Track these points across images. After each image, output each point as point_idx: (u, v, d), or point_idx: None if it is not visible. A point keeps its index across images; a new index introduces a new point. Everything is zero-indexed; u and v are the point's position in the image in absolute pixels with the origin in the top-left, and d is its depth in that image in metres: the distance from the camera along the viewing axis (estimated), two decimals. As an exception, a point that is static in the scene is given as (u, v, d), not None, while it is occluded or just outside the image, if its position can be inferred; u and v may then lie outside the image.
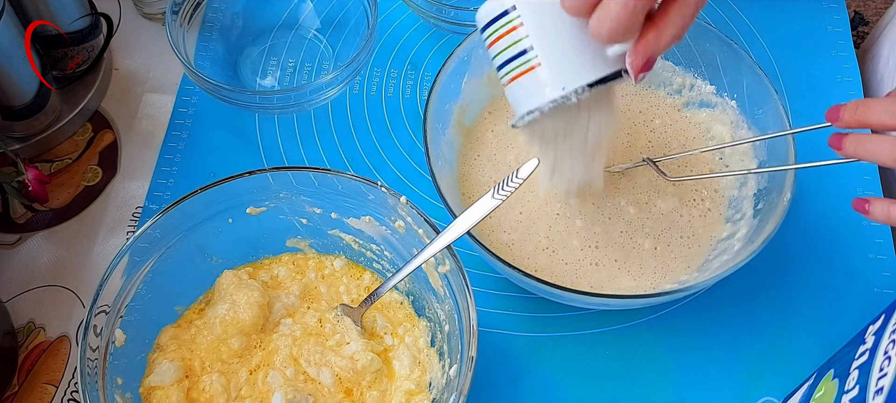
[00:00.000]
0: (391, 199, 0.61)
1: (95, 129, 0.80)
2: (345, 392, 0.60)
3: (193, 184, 0.62)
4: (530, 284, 0.61)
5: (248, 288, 0.62)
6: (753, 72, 0.68)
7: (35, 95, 0.74)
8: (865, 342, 0.47)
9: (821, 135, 0.78)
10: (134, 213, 0.75)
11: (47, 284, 0.71)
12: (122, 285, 0.59)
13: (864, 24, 1.22)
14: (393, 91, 0.82)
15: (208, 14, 0.83)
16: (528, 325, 0.68)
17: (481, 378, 0.65)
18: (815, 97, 0.80)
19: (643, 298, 0.61)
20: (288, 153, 0.77)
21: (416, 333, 0.63)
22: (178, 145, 0.78)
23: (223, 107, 0.77)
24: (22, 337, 0.68)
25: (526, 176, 0.57)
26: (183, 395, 0.59)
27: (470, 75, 0.72)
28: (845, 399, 0.46)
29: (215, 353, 0.61)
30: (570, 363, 0.66)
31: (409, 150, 0.78)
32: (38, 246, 0.73)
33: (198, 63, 0.80)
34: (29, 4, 0.73)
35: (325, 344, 0.61)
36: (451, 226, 0.58)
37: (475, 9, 0.56)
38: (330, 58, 0.83)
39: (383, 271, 0.67)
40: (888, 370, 0.42)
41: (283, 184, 0.63)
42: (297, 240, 0.67)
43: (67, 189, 0.76)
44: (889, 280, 0.70)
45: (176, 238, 0.62)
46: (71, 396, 0.66)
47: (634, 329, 0.68)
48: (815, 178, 0.74)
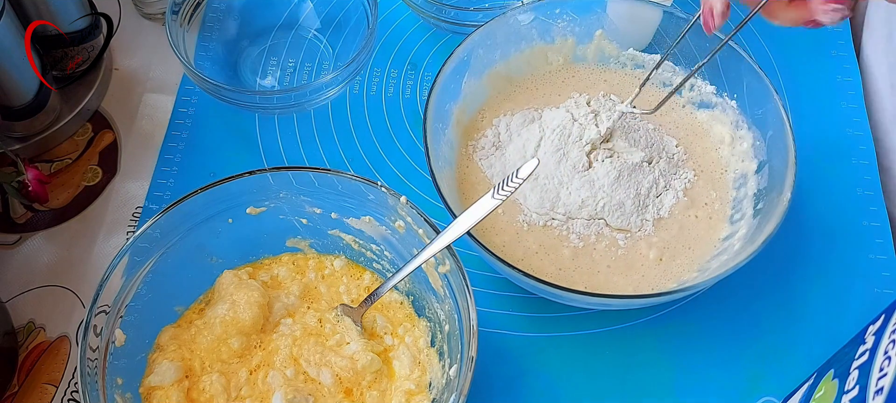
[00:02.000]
0: (391, 199, 0.61)
1: (95, 129, 0.80)
2: (345, 392, 0.60)
3: (193, 184, 0.62)
4: (530, 284, 0.61)
5: (248, 288, 0.62)
6: (753, 73, 0.69)
7: (35, 95, 0.74)
8: (865, 342, 0.47)
9: (821, 135, 0.78)
10: (134, 213, 0.75)
11: (47, 284, 0.71)
12: (122, 285, 0.59)
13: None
14: (393, 91, 0.82)
15: (208, 14, 0.83)
16: (528, 325, 0.68)
17: (481, 378, 0.65)
18: (815, 97, 0.80)
19: (643, 298, 0.61)
20: (288, 153, 0.77)
21: (416, 333, 0.63)
22: (178, 145, 0.78)
23: (223, 107, 0.77)
24: (22, 337, 0.68)
25: (526, 176, 0.57)
26: (183, 395, 0.59)
27: (470, 75, 0.72)
28: (845, 399, 0.46)
29: (215, 353, 0.61)
30: (570, 363, 0.66)
31: (409, 150, 0.78)
32: (38, 246, 0.73)
33: (198, 63, 0.80)
34: (29, 4, 0.73)
35: (325, 344, 0.61)
36: (451, 226, 0.58)
37: (475, 9, 0.56)
38: (330, 58, 0.83)
39: (383, 271, 0.67)
40: (888, 370, 0.42)
41: (283, 184, 0.63)
42: (297, 240, 0.67)
43: (67, 189, 0.76)
44: (889, 280, 0.70)
45: (176, 238, 0.62)
46: (71, 396, 0.66)
47: (634, 329, 0.68)
48: (815, 178, 0.74)
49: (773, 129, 0.67)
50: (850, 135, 0.78)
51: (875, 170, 0.76)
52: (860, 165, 0.76)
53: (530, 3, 0.73)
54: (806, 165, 0.69)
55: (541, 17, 0.74)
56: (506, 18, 0.72)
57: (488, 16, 0.74)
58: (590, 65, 0.77)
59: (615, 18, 0.74)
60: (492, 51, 0.73)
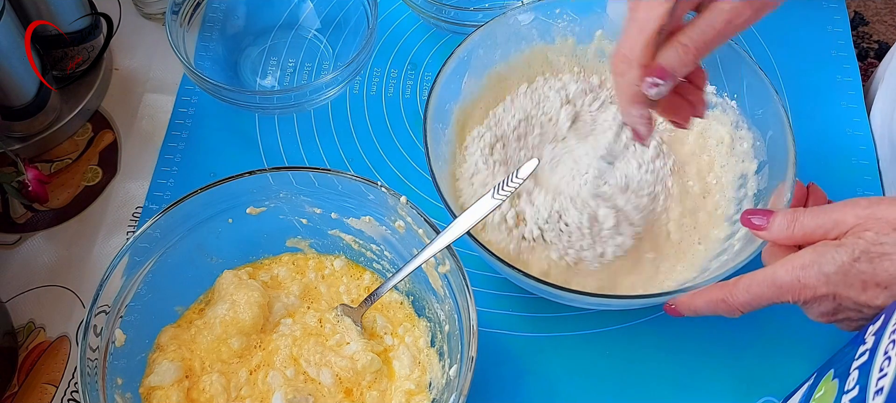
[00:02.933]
0: (391, 199, 0.61)
1: (95, 129, 0.80)
2: (345, 392, 0.60)
3: (193, 184, 0.62)
4: (530, 284, 0.61)
5: (248, 288, 0.62)
6: (753, 73, 0.68)
7: (35, 95, 0.74)
8: (865, 342, 0.47)
9: (821, 135, 0.78)
10: (134, 213, 0.75)
11: (47, 284, 0.71)
12: (122, 285, 0.59)
13: (864, 24, 1.22)
14: (393, 91, 0.82)
15: (208, 14, 0.83)
16: (528, 325, 0.68)
17: (481, 378, 0.65)
18: (815, 97, 0.80)
19: (643, 298, 0.61)
20: (288, 153, 0.77)
21: (416, 333, 0.63)
22: (178, 145, 0.78)
23: (223, 107, 0.77)
24: (22, 337, 0.68)
25: (526, 176, 0.57)
26: (183, 395, 0.59)
27: (470, 75, 0.72)
28: (845, 399, 0.46)
29: (215, 353, 0.61)
30: (570, 363, 0.66)
31: (409, 150, 0.78)
32: (38, 246, 0.73)
33: (198, 63, 0.80)
34: (29, 4, 0.73)
35: (325, 344, 0.61)
36: (451, 226, 0.58)
37: (475, 9, 0.56)
38: (330, 58, 0.83)
39: (383, 271, 0.67)
40: (888, 370, 0.42)
41: (283, 184, 0.63)
42: (297, 240, 0.67)
43: (67, 189, 0.76)
44: (889, 280, 0.70)
45: (176, 238, 0.62)
46: (71, 396, 0.66)
47: (634, 329, 0.68)
48: (815, 178, 0.74)
49: (773, 129, 0.67)
50: (850, 135, 0.78)
51: (875, 170, 0.76)
52: (860, 165, 0.76)
53: (530, 3, 0.73)
54: (806, 165, 0.69)
55: (541, 17, 0.74)
56: (506, 18, 0.72)
57: (488, 16, 0.74)
58: (590, 64, 0.77)
59: (615, 18, 0.74)
60: (492, 51, 0.73)
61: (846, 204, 0.53)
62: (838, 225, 0.53)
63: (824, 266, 0.52)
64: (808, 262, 0.53)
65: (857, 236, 0.51)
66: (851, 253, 0.51)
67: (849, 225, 0.52)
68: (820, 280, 0.52)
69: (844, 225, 0.52)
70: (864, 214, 0.52)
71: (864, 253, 0.51)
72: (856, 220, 0.52)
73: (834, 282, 0.52)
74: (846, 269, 0.51)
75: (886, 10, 1.34)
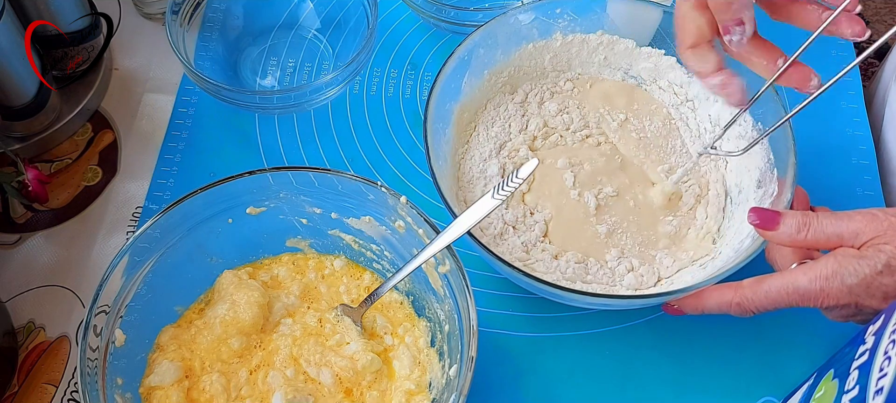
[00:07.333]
0: (391, 199, 0.61)
1: (95, 129, 0.80)
2: (345, 392, 0.60)
3: (193, 184, 0.62)
4: (530, 284, 0.61)
5: (248, 288, 0.62)
6: (754, 73, 0.68)
7: (35, 95, 0.74)
8: (865, 342, 0.47)
9: (821, 135, 0.78)
10: (134, 213, 0.75)
11: (47, 284, 0.71)
12: (122, 285, 0.59)
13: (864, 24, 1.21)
14: (393, 91, 0.82)
15: (208, 14, 0.83)
16: (528, 325, 0.68)
17: (481, 378, 0.65)
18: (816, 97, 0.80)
19: (643, 298, 0.61)
20: (288, 153, 0.77)
21: (416, 333, 0.63)
22: (178, 145, 0.78)
23: (223, 107, 0.77)
24: (22, 337, 0.68)
25: (526, 176, 0.57)
26: (183, 395, 0.59)
27: (470, 75, 0.72)
28: (845, 399, 0.46)
29: (215, 353, 0.61)
30: (570, 363, 0.66)
31: (409, 150, 0.78)
32: (38, 246, 0.73)
33: (198, 63, 0.80)
34: (29, 4, 0.73)
35: (325, 344, 0.61)
36: (451, 226, 0.58)
37: (475, 9, 0.56)
38: (330, 58, 0.83)
39: (383, 271, 0.67)
40: (888, 370, 0.42)
41: (283, 184, 0.63)
42: (297, 240, 0.67)
43: (67, 189, 0.76)
44: (889, 280, 0.70)
45: (176, 238, 0.62)
46: (71, 396, 0.66)
47: (634, 329, 0.68)
48: (815, 178, 0.74)
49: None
50: (850, 135, 0.78)
51: (875, 170, 0.76)
52: (860, 165, 0.76)
53: (530, 2, 0.73)
54: (806, 165, 0.69)
55: (541, 17, 0.74)
56: (506, 18, 0.72)
57: (488, 16, 0.74)
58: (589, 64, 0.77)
59: (615, 18, 0.74)
60: (492, 50, 0.73)
61: (863, 215, 0.54)
62: (857, 236, 0.54)
63: (847, 278, 0.53)
64: (831, 273, 0.53)
65: (877, 249, 0.52)
66: (874, 266, 0.52)
67: (867, 237, 0.53)
68: (842, 291, 0.53)
69: (863, 235, 0.53)
70: (884, 226, 0.53)
71: (886, 267, 0.52)
72: (874, 232, 0.53)
73: (856, 293, 0.53)
74: (869, 282, 0.52)
75: (886, 10, 1.34)
